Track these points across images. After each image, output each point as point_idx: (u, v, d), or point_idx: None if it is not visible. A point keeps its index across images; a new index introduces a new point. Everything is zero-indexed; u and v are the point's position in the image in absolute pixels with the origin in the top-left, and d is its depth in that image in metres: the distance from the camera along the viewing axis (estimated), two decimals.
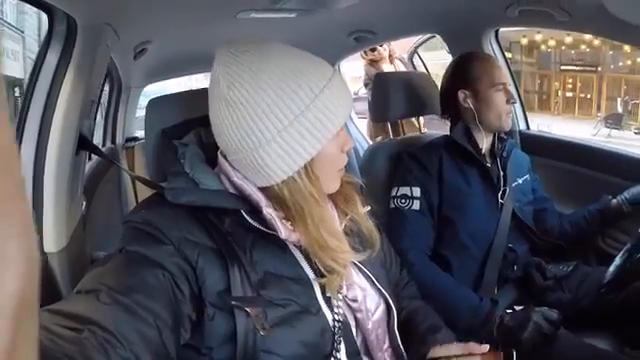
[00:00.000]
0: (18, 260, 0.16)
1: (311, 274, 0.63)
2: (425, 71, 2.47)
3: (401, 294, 0.83)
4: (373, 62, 2.71)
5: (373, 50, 2.60)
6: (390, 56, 2.73)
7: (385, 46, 2.67)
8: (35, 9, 1.04)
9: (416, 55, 2.55)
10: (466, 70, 1.22)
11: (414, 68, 2.55)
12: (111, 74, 1.85)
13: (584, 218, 1.25)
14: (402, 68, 2.73)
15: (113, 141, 2.09)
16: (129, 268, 0.54)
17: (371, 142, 2.50)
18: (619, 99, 11.81)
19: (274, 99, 0.57)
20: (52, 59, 0.94)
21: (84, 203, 1.21)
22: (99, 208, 1.43)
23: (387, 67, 2.72)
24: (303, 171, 0.60)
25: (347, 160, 0.66)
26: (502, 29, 1.63)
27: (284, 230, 0.60)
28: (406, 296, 0.84)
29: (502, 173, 1.20)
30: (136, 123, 2.40)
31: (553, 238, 1.24)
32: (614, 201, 1.20)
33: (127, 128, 2.20)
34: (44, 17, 0.97)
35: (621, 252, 1.01)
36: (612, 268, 0.98)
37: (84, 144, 1.04)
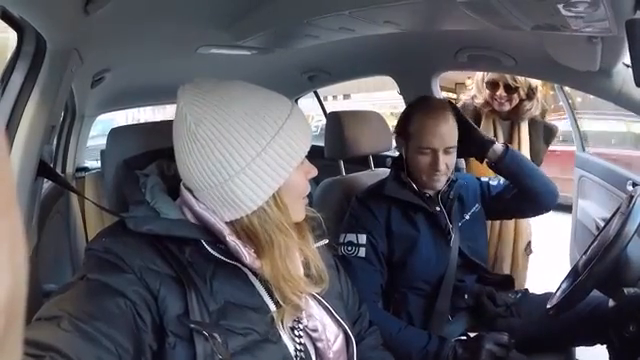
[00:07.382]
0: (5, 275, 0.16)
1: (271, 304, 0.63)
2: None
3: (363, 342, 0.83)
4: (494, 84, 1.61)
5: None
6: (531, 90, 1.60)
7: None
8: None
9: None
10: (407, 120, 1.18)
11: None
12: (66, 101, 1.78)
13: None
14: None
15: (63, 170, 1.98)
16: (90, 296, 0.53)
17: None
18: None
19: (241, 133, 0.58)
20: (17, 79, 0.90)
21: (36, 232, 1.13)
22: (48, 239, 1.34)
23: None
24: (272, 201, 0.61)
25: (310, 188, 0.68)
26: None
27: (248, 256, 0.60)
28: (368, 346, 0.84)
29: (448, 217, 1.20)
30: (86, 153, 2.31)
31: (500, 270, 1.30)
32: None
33: (78, 157, 2.10)
34: None
35: (565, 276, 1.08)
36: (559, 292, 1.04)
37: (44, 170, 0.99)
